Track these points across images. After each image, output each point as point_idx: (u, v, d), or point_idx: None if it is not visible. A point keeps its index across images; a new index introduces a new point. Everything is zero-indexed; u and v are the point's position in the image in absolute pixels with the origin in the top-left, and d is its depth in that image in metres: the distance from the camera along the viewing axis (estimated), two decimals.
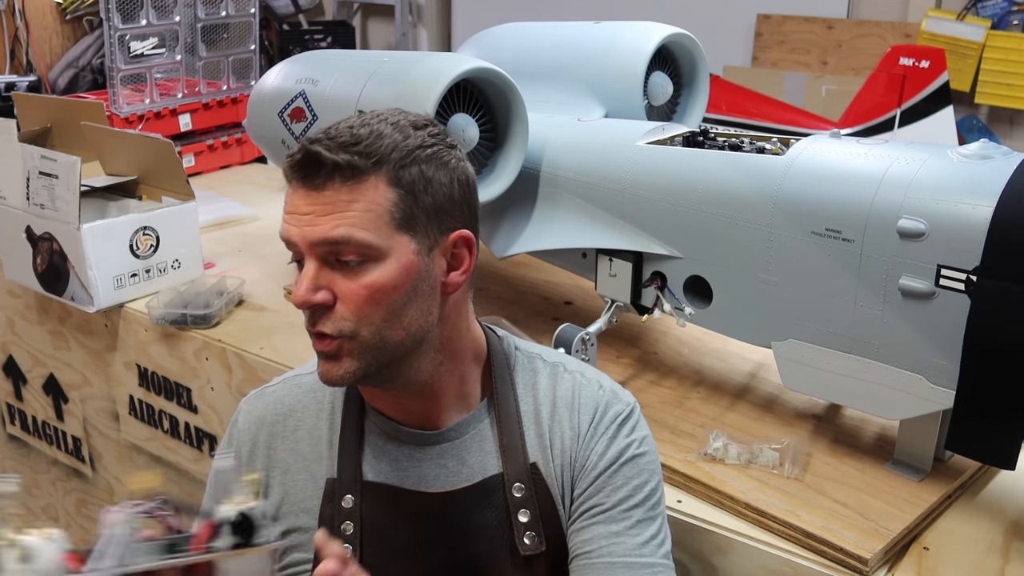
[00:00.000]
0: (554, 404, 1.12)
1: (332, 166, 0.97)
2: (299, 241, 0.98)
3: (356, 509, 1.06)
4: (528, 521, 1.05)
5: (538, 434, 1.10)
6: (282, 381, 1.18)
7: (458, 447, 1.09)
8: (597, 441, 1.09)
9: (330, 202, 0.97)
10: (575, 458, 1.09)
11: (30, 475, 2.58)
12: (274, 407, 1.15)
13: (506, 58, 1.80)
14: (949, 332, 1.19)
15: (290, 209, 0.99)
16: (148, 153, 2.17)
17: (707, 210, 1.43)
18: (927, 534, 1.25)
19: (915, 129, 3.70)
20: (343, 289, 0.98)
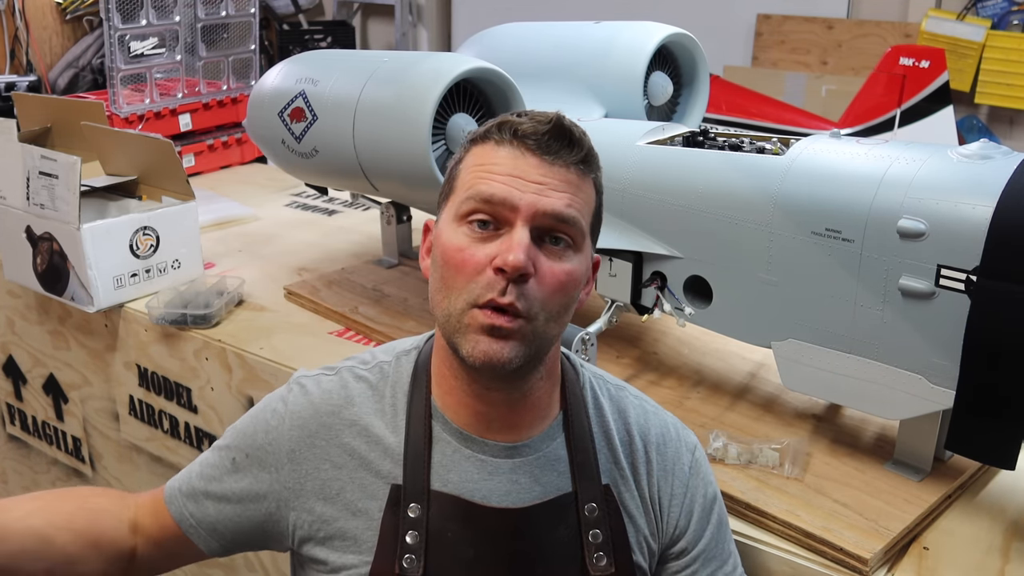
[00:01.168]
0: (627, 430, 1.12)
1: (580, 148, 0.99)
2: (522, 205, 0.95)
3: (422, 519, 1.01)
4: (600, 542, 1.04)
5: (611, 458, 1.09)
6: (339, 371, 1.11)
7: (531, 464, 1.05)
8: (677, 487, 1.12)
9: (565, 180, 0.98)
10: (655, 497, 1.11)
11: (30, 475, 2.58)
12: (330, 396, 1.09)
13: (506, 58, 1.80)
14: (949, 332, 1.19)
15: (512, 172, 0.97)
16: (148, 153, 2.17)
17: (707, 210, 1.43)
18: (927, 534, 1.25)
19: (915, 129, 3.70)
20: (544, 267, 0.96)
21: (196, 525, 1.11)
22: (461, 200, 0.98)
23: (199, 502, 1.11)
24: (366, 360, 1.13)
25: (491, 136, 1.00)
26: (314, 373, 1.13)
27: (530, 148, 0.98)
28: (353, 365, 1.12)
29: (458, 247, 0.97)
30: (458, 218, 0.98)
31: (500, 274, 0.94)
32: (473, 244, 0.97)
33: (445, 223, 1.01)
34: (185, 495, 1.12)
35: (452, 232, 0.98)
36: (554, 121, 0.98)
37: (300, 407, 1.09)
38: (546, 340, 0.99)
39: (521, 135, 0.98)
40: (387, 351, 1.14)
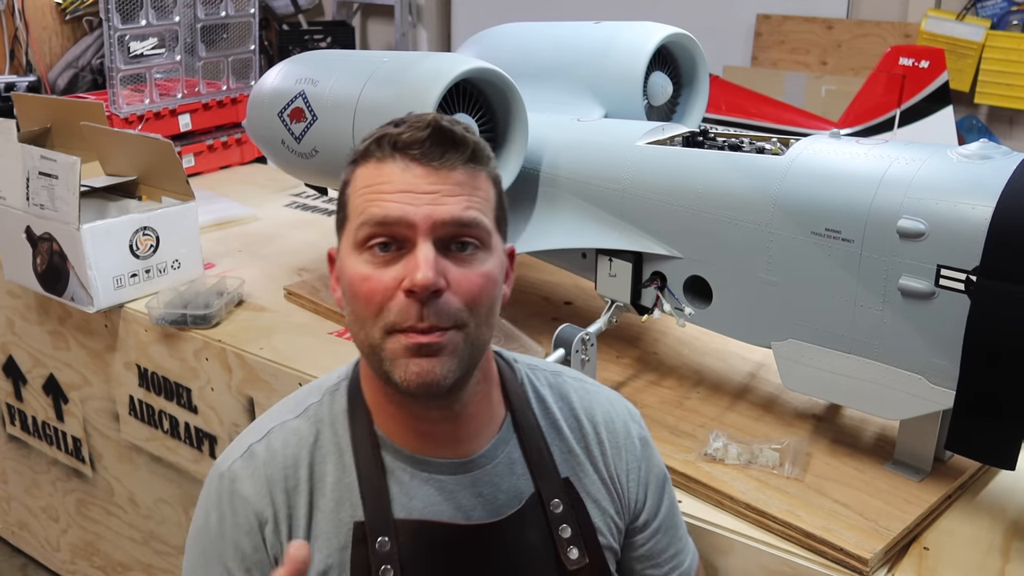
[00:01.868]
0: (574, 415, 1.11)
1: (465, 147, 0.95)
2: (419, 220, 0.91)
3: (393, 552, 0.97)
4: (570, 536, 1.04)
5: (564, 448, 1.08)
6: (267, 435, 1.03)
7: (490, 473, 1.03)
8: (632, 463, 1.12)
9: (457, 183, 0.94)
10: (614, 476, 1.10)
11: (30, 475, 2.58)
12: (277, 463, 1.01)
13: (506, 58, 1.80)
14: (949, 332, 1.19)
15: (402, 187, 0.92)
16: (148, 153, 2.17)
17: (707, 210, 1.43)
18: (927, 534, 1.25)
19: (915, 129, 3.70)
20: (456, 276, 0.92)
21: None
22: (356, 227, 0.94)
23: None
24: (293, 408, 1.06)
25: (372, 154, 0.95)
26: (241, 452, 1.03)
27: (415, 158, 0.93)
28: (282, 421, 1.04)
29: (363, 276, 0.93)
30: (356, 246, 0.94)
31: (411, 296, 0.90)
32: (377, 270, 0.92)
33: (345, 252, 0.96)
34: None
35: (353, 262, 0.94)
36: (432, 125, 0.94)
37: (256, 490, 1.00)
38: (478, 347, 0.96)
39: (402, 146, 0.93)
40: (313, 391, 1.08)
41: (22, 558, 2.78)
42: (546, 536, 1.03)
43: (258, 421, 1.08)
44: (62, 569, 2.65)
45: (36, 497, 2.60)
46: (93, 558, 2.51)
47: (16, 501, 2.70)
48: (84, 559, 2.54)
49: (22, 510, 2.69)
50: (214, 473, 1.04)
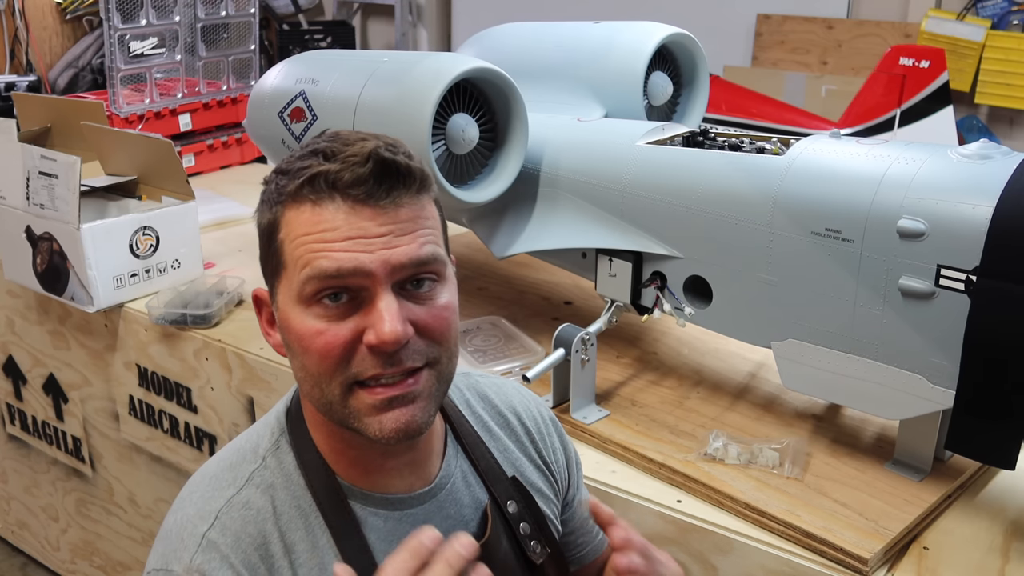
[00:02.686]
0: (498, 412, 1.10)
1: (411, 178, 0.86)
2: (376, 268, 0.83)
3: None
4: (530, 532, 1.04)
5: (500, 448, 1.07)
6: (217, 518, 0.92)
7: (451, 492, 1.00)
8: (557, 451, 1.14)
9: (407, 219, 0.85)
10: (547, 461, 1.12)
11: (30, 475, 2.58)
12: (244, 546, 0.90)
13: (506, 58, 1.80)
14: (949, 332, 1.19)
15: (350, 234, 0.83)
16: (148, 153, 2.17)
17: (707, 210, 1.43)
18: (927, 534, 1.25)
19: (915, 129, 3.70)
20: (422, 317, 0.86)
21: None
22: (301, 281, 0.84)
23: None
24: (232, 481, 0.95)
25: (306, 197, 0.84)
26: (197, 544, 0.90)
27: (359, 199, 0.83)
28: (226, 498, 0.93)
29: (315, 331, 0.84)
30: (302, 300, 0.85)
31: (376, 351, 0.84)
32: (331, 325, 0.84)
33: (288, 305, 0.87)
34: None
35: (301, 317, 0.85)
36: (373, 158, 0.83)
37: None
38: (448, 379, 0.91)
39: (344, 186, 0.83)
40: (247, 456, 0.96)
41: (22, 558, 2.78)
42: (510, 538, 1.03)
43: (190, 505, 0.94)
44: (62, 569, 2.65)
45: (36, 497, 2.60)
46: (93, 558, 2.51)
47: (16, 501, 2.70)
48: (84, 559, 2.54)
49: (22, 510, 2.69)
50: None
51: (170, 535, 0.94)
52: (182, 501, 0.97)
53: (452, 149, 1.63)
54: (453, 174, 1.65)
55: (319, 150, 0.86)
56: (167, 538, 0.94)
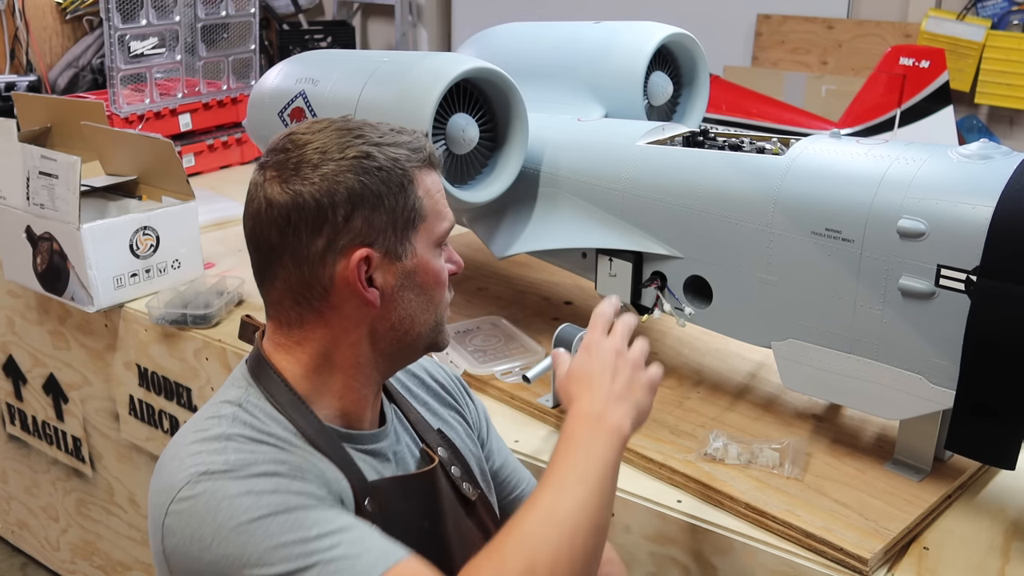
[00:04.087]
0: (412, 375, 1.25)
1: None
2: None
3: (376, 513, 1.02)
4: (460, 475, 1.16)
5: (422, 403, 1.23)
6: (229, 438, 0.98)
7: (395, 434, 1.14)
8: (469, 404, 1.30)
9: None
10: (459, 410, 1.27)
11: (30, 475, 2.58)
12: (262, 455, 0.98)
13: (506, 58, 1.80)
14: (949, 332, 1.19)
15: (443, 192, 1.09)
16: (148, 153, 2.17)
17: (707, 210, 1.43)
18: (927, 534, 1.25)
19: (915, 129, 3.70)
20: None
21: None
22: (442, 226, 1.07)
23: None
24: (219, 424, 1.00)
25: (428, 164, 1.07)
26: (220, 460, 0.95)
27: (436, 169, 1.09)
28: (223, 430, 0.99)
29: (443, 268, 1.08)
30: (437, 243, 1.07)
31: (452, 277, 1.10)
32: (444, 262, 1.09)
33: (426, 251, 1.05)
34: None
35: (435, 257, 1.07)
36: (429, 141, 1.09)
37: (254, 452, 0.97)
38: None
39: (436, 161, 1.08)
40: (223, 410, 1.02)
41: (22, 558, 2.78)
42: (447, 478, 1.15)
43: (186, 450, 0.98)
44: (62, 569, 2.65)
45: (36, 497, 2.60)
46: (93, 558, 2.51)
47: (16, 501, 2.70)
48: (84, 559, 2.54)
49: (22, 510, 2.69)
50: (209, 479, 0.93)
51: (183, 462, 0.96)
52: (174, 450, 1.00)
53: (452, 149, 1.63)
54: (453, 174, 1.65)
55: (396, 130, 1.07)
56: (181, 465, 0.96)
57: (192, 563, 0.92)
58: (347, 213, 0.99)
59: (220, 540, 0.90)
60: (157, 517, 0.95)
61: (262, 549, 0.89)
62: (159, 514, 0.95)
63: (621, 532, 1.37)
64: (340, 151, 1.00)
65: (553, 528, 0.92)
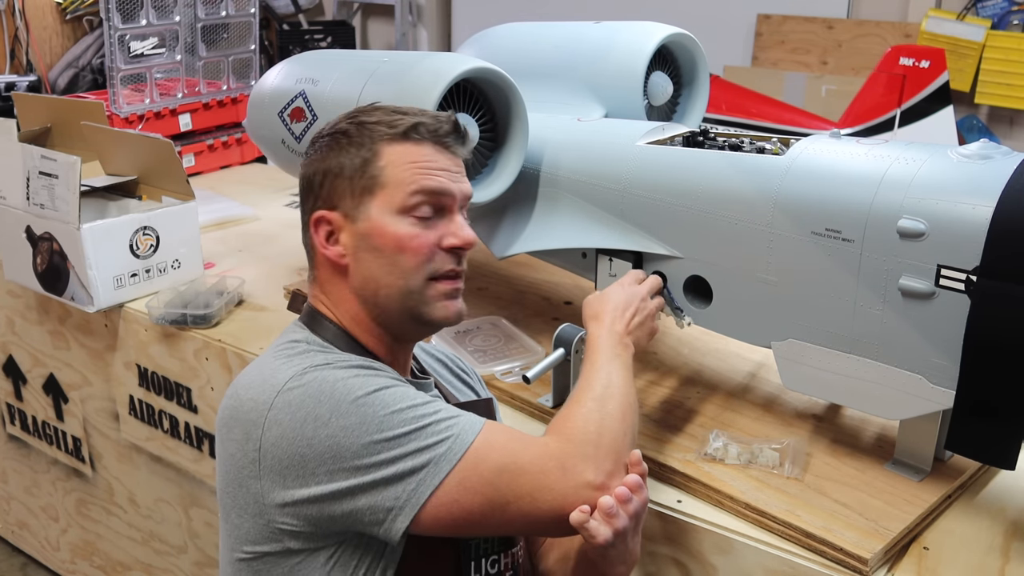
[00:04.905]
0: (432, 356, 1.38)
1: (468, 141, 1.20)
2: (457, 194, 1.16)
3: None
4: None
5: (445, 379, 1.34)
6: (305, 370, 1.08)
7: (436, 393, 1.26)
8: (482, 394, 1.40)
9: (461, 167, 1.18)
10: (476, 392, 1.38)
11: (30, 475, 2.58)
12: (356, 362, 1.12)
13: (506, 58, 1.80)
14: (949, 332, 1.19)
15: (441, 166, 1.15)
16: (148, 153, 2.17)
17: (707, 210, 1.43)
18: (927, 534, 1.25)
19: (915, 129, 3.70)
20: (471, 237, 1.17)
21: None
22: (407, 194, 1.12)
23: None
24: (292, 357, 1.12)
25: (409, 136, 1.14)
26: (316, 361, 1.10)
27: (446, 145, 1.16)
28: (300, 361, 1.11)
29: (411, 235, 1.12)
30: (402, 210, 1.13)
31: (452, 252, 1.15)
32: (422, 230, 1.13)
33: (383, 215, 1.13)
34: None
35: (396, 223, 1.13)
36: (452, 121, 1.17)
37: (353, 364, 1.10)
38: None
39: (441, 135, 1.15)
40: (287, 349, 1.14)
41: (22, 558, 2.78)
42: None
43: (264, 373, 1.09)
44: (62, 569, 2.65)
45: (36, 497, 2.60)
46: (93, 558, 2.51)
47: (16, 501, 2.70)
48: (84, 559, 2.54)
49: (22, 510, 2.69)
50: (314, 371, 1.06)
51: (278, 369, 1.09)
52: (258, 374, 1.11)
53: None
54: None
55: (400, 111, 1.17)
56: (275, 372, 1.09)
57: (300, 445, 1.02)
58: (321, 182, 1.16)
59: (340, 414, 1.02)
60: (255, 418, 1.05)
61: (381, 415, 1.03)
62: (259, 413, 1.05)
63: None
64: (330, 129, 1.18)
65: (613, 395, 1.15)
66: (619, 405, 1.14)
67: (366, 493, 1.01)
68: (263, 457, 1.03)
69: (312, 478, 1.02)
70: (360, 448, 1.01)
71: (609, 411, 1.13)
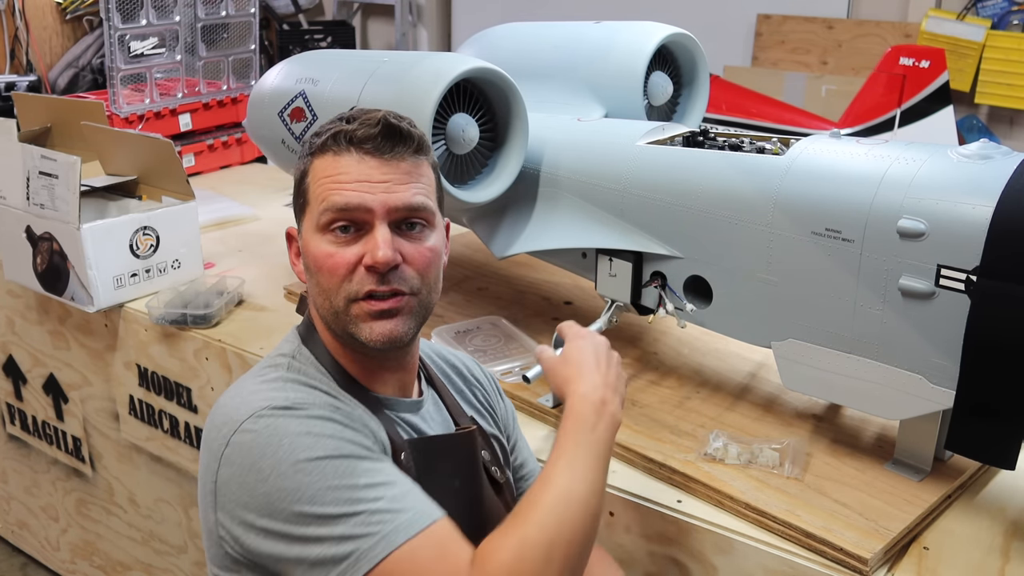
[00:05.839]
0: (450, 366, 1.30)
1: (410, 139, 1.08)
2: (376, 207, 1.04)
3: (411, 467, 1.08)
4: (490, 458, 1.20)
5: (457, 391, 1.26)
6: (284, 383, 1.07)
7: (429, 411, 1.18)
8: (499, 403, 1.32)
9: (406, 172, 1.07)
10: (491, 409, 1.30)
11: (30, 475, 2.58)
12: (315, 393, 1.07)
13: (506, 58, 1.80)
14: (949, 332, 1.19)
15: (358, 177, 1.05)
16: (148, 153, 2.17)
17: (707, 210, 1.43)
18: (927, 534, 1.25)
19: (915, 129, 3.70)
20: (410, 251, 1.07)
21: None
22: (319, 212, 1.06)
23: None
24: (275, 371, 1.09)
25: (329, 148, 1.07)
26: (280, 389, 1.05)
27: (369, 151, 1.06)
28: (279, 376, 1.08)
29: (327, 254, 1.06)
30: (319, 229, 1.06)
31: (371, 271, 1.04)
32: (339, 249, 1.05)
33: (308, 233, 1.08)
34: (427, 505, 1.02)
35: (317, 242, 1.07)
36: (383, 122, 1.06)
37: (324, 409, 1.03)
38: (428, 308, 1.11)
39: (357, 141, 1.06)
40: (277, 361, 1.11)
41: (22, 558, 2.78)
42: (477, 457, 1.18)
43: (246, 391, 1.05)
44: (62, 569, 2.65)
45: (36, 497, 2.60)
46: (93, 558, 2.51)
47: (16, 501, 2.70)
48: (84, 559, 2.54)
49: (22, 510, 2.69)
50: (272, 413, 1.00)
51: (244, 401, 1.04)
52: (233, 393, 1.07)
53: (452, 149, 1.63)
54: (453, 174, 1.65)
55: (343, 116, 1.09)
56: (243, 403, 1.03)
57: (244, 493, 0.98)
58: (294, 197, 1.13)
59: (278, 474, 0.96)
60: (216, 449, 1.01)
61: (316, 488, 0.95)
62: (218, 445, 1.01)
63: (621, 532, 1.37)
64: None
65: (570, 508, 0.97)
66: (584, 500, 0.99)
67: (289, 563, 0.96)
68: (218, 491, 1.00)
69: (251, 525, 0.98)
70: (291, 515, 0.95)
71: (570, 513, 0.97)
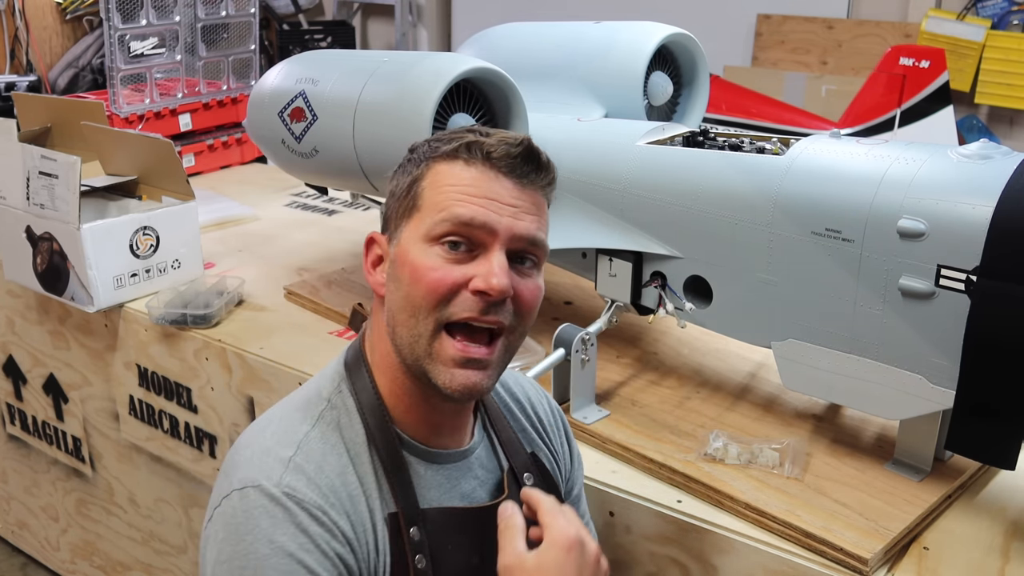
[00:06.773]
0: (514, 399, 1.20)
1: (547, 171, 1.02)
2: (501, 229, 0.96)
3: (423, 540, 1.00)
4: None
5: (519, 427, 1.18)
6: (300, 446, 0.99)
7: (480, 456, 1.11)
8: (563, 449, 1.23)
9: (533, 203, 1.00)
10: (552, 451, 1.21)
11: (30, 475, 2.58)
12: (326, 471, 0.98)
13: (506, 58, 1.80)
14: (949, 332, 1.19)
15: (487, 194, 0.97)
16: (148, 153, 2.17)
17: (707, 210, 1.43)
18: (927, 534, 1.25)
19: (915, 129, 3.70)
20: (520, 287, 0.99)
21: None
22: (435, 221, 0.97)
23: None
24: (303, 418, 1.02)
25: (459, 156, 0.99)
26: (283, 467, 0.96)
27: (503, 171, 0.98)
28: (305, 432, 1.00)
29: (431, 267, 0.96)
30: (429, 238, 0.97)
31: (480, 296, 0.95)
32: (447, 265, 0.96)
33: (411, 242, 0.98)
34: None
35: (422, 252, 0.97)
36: (525, 144, 0.99)
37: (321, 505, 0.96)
38: (512, 354, 1.03)
39: (495, 157, 0.98)
40: (313, 398, 1.05)
41: (22, 558, 2.78)
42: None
43: (266, 438, 1.00)
44: (62, 569, 2.65)
45: (36, 497, 2.60)
46: (93, 558, 2.51)
47: (16, 501, 2.70)
48: (84, 559, 2.54)
49: (22, 510, 2.69)
50: (259, 495, 0.94)
51: (252, 460, 0.98)
52: (256, 435, 1.02)
53: None
54: None
55: (474, 129, 1.02)
56: (249, 462, 0.98)
57: (205, 565, 0.96)
58: (386, 203, 1.05)
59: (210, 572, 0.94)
60: (215, 497, 0.98)
61: None
62: (215, 501, 0.97)
63: (621, 532, 1.37)
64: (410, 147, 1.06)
65: None
66: None
67: None
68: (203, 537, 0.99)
69: None
70: None
71: None
